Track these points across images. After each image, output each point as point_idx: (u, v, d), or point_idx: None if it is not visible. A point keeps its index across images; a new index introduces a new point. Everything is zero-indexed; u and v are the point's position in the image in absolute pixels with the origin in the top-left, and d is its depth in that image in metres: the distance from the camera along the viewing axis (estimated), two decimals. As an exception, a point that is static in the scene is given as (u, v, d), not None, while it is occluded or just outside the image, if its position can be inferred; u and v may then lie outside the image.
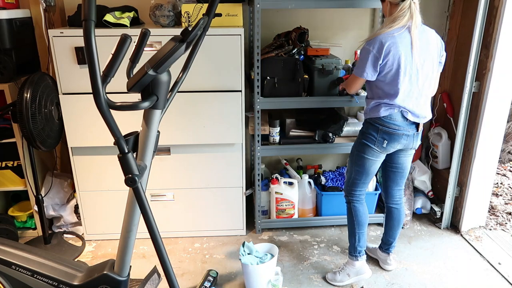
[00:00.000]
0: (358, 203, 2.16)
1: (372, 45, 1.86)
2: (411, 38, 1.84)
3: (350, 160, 2.15)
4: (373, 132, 1.99)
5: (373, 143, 2.00)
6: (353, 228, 2.17)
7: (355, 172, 2.11)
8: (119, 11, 2.32)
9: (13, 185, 2.50)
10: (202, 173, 2.49)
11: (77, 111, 2.28)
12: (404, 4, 1.85)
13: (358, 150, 2.07)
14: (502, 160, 3.89)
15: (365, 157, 2.04)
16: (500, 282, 2.23)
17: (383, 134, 1.97)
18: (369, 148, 2.02)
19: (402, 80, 1.88)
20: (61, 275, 1.56)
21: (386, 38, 1.84)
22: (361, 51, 1.93)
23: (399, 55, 1.84)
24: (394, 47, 1.83)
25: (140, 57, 1.26)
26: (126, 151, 1.20)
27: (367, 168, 2.07)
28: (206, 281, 2.14)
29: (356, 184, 2.13)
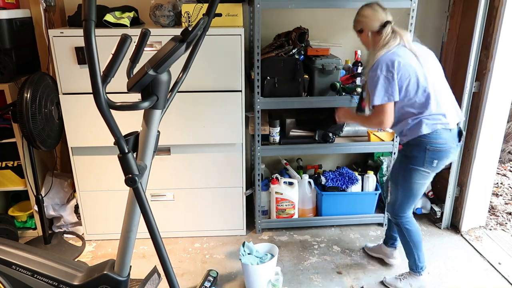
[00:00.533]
0: (409, 224, 2.06)
1: (378, 69, 1.82)
2: (411, 50, 1.84)
3: (394, 183, 2.03)
4: (419, 153, 1.87)
5: (421, 165, 1.88)
6: (410, 249, 2.09)
7: (403, 196, 2.00)
8: (119, 11, 2.32)
9: (13, 185, 2.50)
10: (202, 173, 2.49)
11: (77, 111, 2.28)
12: (386, 29, 1.86)
13: (403, 175, 1.95)
14: (502, 160, 3.89)
15: (413, 182, 1.93)
16: (500, 282, 2.23)
17: (431, 153, 1.85)
18: (417, 172, 1.90)
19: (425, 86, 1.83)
20: (61, 275, 1.56)
21: (390, 56, 1.81)
22: (370, 80, 1.86)
23: (409, 64, 1.81)
24: (402, 59, 1.81)
25: (140, 57, 1.26)
26: (126, 151, 1.20)
27: (415, 191, 1.97)
28: (206, 281, 2.14)
29: (404, 208, 2.04)
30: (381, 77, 1.82)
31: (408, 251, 2.12)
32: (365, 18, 1.94)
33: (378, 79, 1.82)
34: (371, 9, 1.93)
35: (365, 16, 1.94)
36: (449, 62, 2.75)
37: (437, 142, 1.85)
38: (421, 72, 1.83)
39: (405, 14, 2.42)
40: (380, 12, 1.91)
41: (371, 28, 1.92)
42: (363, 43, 2.02)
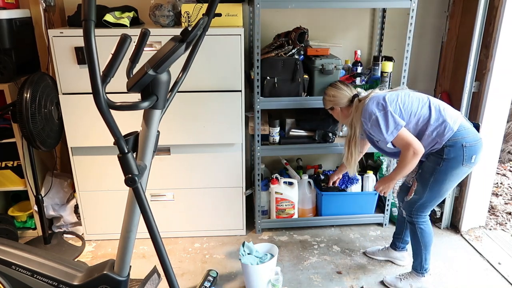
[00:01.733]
0: (424, 224, 2.06)
1: (373, 114, 1.89)
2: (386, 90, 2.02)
3: (422, 184, 1.99)
4: (457, 153, 1.86)
5: (460, 164, 1.87)
6: (419, 249, 2.09)
7: (429, 197, 1.98)
8: (119, 11, 2.32)
9: (13, 185, 2.50)
10: (202, 173, 2.49)
11: (77, 111, 2.28)
12: (355, 103, 2.04)
13: (438, 178, 1.92)
14: (502, 160, 3.89)
15: (446, 184, 1.93)
16: (500, 282, 2.23)
17: (468, 149, 1.85)
18: (455, 171, 1.89)
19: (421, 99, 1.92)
20: (61, 275, 1.56)
21: (381, 93, 1.96)
22: (372, 127, 1.90)
23: (393, 92, 1.96)
24: (394, 91, 1.96)
25: (140, 57, 1.26)
26: (126, 151, 1.20)
27: (444, 193, 1.97)
28: (206, 281, 2.14)
29: (426, 208, 2.03)
30: (379, 116, 1.88)
31: (417, 251, 2.11)
32: (334, 98, 2.10)
33: (377, 119, 1.88)
34: (336, 89, 2.11)
35: (334, 96, 2.10)
36: (449, 62, 2.75)
37: (469, 137, 1.87)
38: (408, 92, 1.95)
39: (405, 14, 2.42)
40: (345, 90, 2.09)
41: (341, 105, 2.10)
42: (336, 118, 2.20)
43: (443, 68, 2.83)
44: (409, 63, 2.38)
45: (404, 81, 2.41)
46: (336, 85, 2.12)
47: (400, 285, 2.13)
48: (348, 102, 2.07)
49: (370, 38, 2.83)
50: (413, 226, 2.09)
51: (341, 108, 2.11)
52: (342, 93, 2.08)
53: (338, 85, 2.12)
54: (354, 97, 2.05)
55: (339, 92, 2.09)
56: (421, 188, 2.00)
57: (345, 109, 2.10)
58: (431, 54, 2.88)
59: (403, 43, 2.37)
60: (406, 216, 2.12)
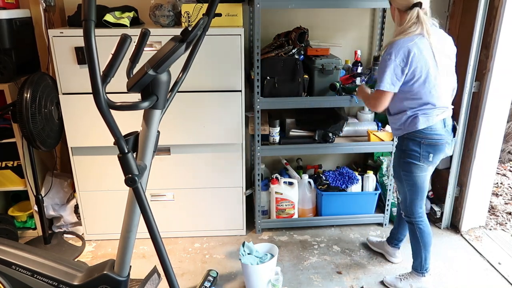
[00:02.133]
0: (422, 223, 2.06)
1: (393, 54, 1.76)
2: (430, 44, 1.78)
3: (397, 180, 2.05)
4: (414, 147, 1.89)
5: (417, 159, 1.91)
6: (419, 249, 2.09)
7: (409, 192, 2.01)
8: (119, 11, 2.32)
9: (13, 185, 2.50)
10: (202, 173, 2.49)
11: (77, 111, 2.28)
12: (412, 13, 1.77)
13: (404, 170, 1.97)
14: (502, 160, 3.89)
15: (413, 175, 1.95)
16: (500, 282, 2.23)
17: (427, 147, 1.88)
18: (415, 166, 1.93)
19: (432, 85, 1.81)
20: (61, 275, 1.56)
21: (408, 45, 1.75)
22: (382, 62, 1.82)
23: (425, 59, 1.77)
24: (418, 52, 1.76)
25: (140, 57, 1.26)
26: (126, 151, 1.20)
27: (420, 184, 1.98)
28: (206, 281, 2.14)
29: (415, 204, 2.04)
30: (393, 63, 1.77)
31: (417, 251, 2.11)
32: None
33: (390, 64, 1.77)
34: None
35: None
36: (449, 62, 2.75)
37: (432, 137, 1.87)
38: (433, 70, 1.80)
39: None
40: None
41: (397, 6, 1.83)
42: (392, 17, 1.94)
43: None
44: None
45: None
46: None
47: (400, 285, 2.13)
48: (405, 8, 1.79)
49: (370, 38, 2.83)
50: (412, 226, 2.09)
51: (398, 10, 1.83)
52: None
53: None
54: (415, 6, 1.76)
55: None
56: (399, 185, 2.05)
57: (401, 13, 1.82)
58: (431, 54, 2.88)
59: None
60: (405, 217, 2.13)
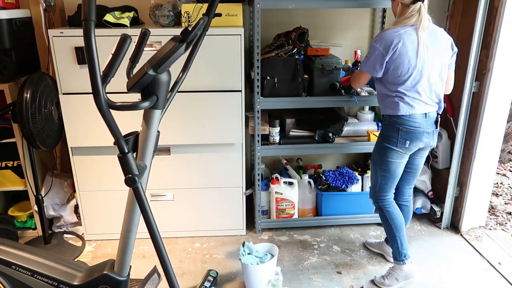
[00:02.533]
0: (390, 206, 2.13)
1: (378, 42, 1.90)
2: (417, 38, 1.86)
3: (373, 165, 2.13)
4: (393, 133, 1.98)
5: (395, 145, 1.98)
6: (392, 233, 2.13)
7: (381, 177, 2.08)
8: (119, 11, 2.32)
9: (13, 185, 2.50)
10: (202, 173, 2.49)
11: (77, 111, 2.28)
12: (414, 6, 1.87)
13: (380, 154, 2.05)
14: (502, 160, 3.89)
15: (388, 161, 2.02)
16: (500, 282, 2.23)
17: (404, 134, 1.96)
18: (391, 151, 2.00)
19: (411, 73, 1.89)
20: (61, 275, 1.56)
21: (392, 35, 1.87)
22: (370, 48, 1.96)
23: (406, 50, 1.86)
24: (401, 43, 1.85)
25: (140, 57, 1.26)
26: (126, 151, 1.20)
27: (393, 171, 2.05)
28: (206, 281, 2.14)
29: (384, 189, 2.11)
30: (376, 51, 1.90)
31: (391, 236, 2.15)
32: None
33: (374, 51, 1.91)
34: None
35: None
36: (449, 62, 2.75)
37: (410, 125, 1.95)
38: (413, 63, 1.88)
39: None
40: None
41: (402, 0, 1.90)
42: (393, 11, 2.03)
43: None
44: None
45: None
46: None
47: (387, 283, 2.15)
48: (410, 2, 1.87)
49: (370, 38, 2.83)
50: (380, 211, 2.16)
51: (402, 4, 1.91)
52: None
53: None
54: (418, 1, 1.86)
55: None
56: (373, 169, 2.13)
57: (404, 7, 1.91)
58: (431, 54, 2.88)
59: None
60: (374, 204, 2.20)
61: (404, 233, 2.14)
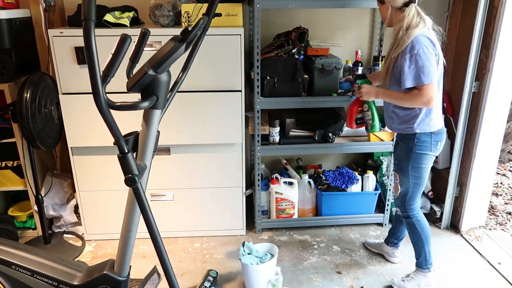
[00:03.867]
0: (419, 215, 2.08)
1: (421, 47, 1.75)
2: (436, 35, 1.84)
3: (402, 175, 2.06)
4: (426, 138, 1.93)
5: (428, 149, 1.94)
6: (421, 244, 2.09)
7: (413, 186, 2.03)
8: (119, 11, 2.32)
9: (13, 185, 2.50)
10: (202, 173, 2.49)
11: (77, 111, 2.28)
12: (409, 9, 1.78)
13: (411, 162, 1.98)
14: (502, 160, 3.89)
15: (422, 167, 1.98)
16: (500, 282, 2.23)
17: (435, 136, 1.94)
18: (426, 156, 1.96)
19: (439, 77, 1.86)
20: (61, 275, 1.56)
21: (427, 37, 1.78)
22: (413, 58, 1.76)
23: (439, 49, 1.83)
24: (436, 42, 1.81)
25: (140, 57, 1.26)
26: (126, 151, 1.20)
27: (424, 177, 2.02)
28: (206, 281, 2.14)
29: (415, 197, 2.07)
30: (427, 55, 1.74)
31: (419, 246, 2.11)
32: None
33: (427, 57, 1.74)
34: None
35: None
36: (449, 62, 2.75)
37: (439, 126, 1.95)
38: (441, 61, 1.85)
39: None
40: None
41: (393, 3, 1.82)
42: (381, 15, 1.94)
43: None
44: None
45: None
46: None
47: (409, 286, 2.12)
48: (402, 5, 1.79)
49: (370, 38, 2.83)
50: (409, 220, 2.10)
51: (392, 7, 1.82)
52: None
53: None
54: (411, 2, 1.79)
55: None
56: (403, 178, 2.06)
57: (396, 11, 1.82)
58: (431, 54, 2.88)
59: (403, 43, 2.36)
60: (400, 213, 2.15)
61: (430, 242, 2.11)
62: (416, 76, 1.78)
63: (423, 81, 1.77)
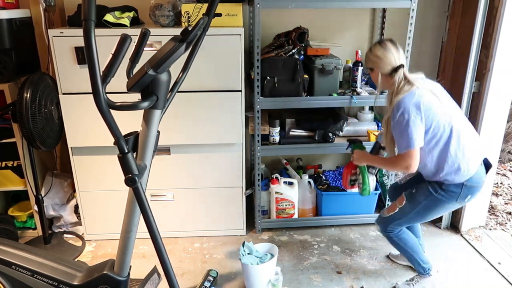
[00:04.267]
0: (401, 233, 2.05)
1: (405, 112, 1.74)
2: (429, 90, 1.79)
3: (412, 205, 1.94)
4: (455, 189, 1.83)
5: (454, 200, 1.85)
6: (409, 255, 2.09)
7: (413, 217, 1.96)
8: (119, 11, 2.32)
9: (13, 185, 2.50)
10: (202, 173, 2.49)
11: (77, 111, 2.28)
12: (398, 74, 1.79)
13: (429, 206, 1.89)
14: (502, 160, 3.89)
15: (435, 211, 1.91)
16: (500, 282, 2.23)
17: (467, 189, 1.82)
18: (446, 203, 1.87)
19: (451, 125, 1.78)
20: (61, 275, 1.56)
21: (413, 98, 1.75)
22: (397, 124, 1.78)
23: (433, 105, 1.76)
24: (425, 101, 1.75)
25: (140, 57, 1.26)
26: (126, 151, 1.20)
27: (428, 218, 1.96)
28: (206, 281, 2.14)
29: (403, 225, 2.02)
30: (409, 121, 1.74)
31: (409, 258, 2.12)
32: (376, 59, 1.83)
33: (407, 123, 1.74)
34: (383, 49, 1.81)
35: (377, 57, 1.83)
36: (449, 62, 2.75)
37: (475, 180, 1.83)
38: (444, 111, 1.78)
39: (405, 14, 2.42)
40: (393, 53, 1.80)
41: (382, 71, 1.84)
42: (373, 81, 1.94)
43: (443, 68, 2.83)
44: (409, 63, 2.38)
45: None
46: (385, 45, 1.81)
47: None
48: (390, 71, 1.81)
49: (370, 38, 2.83)
50: (390, 239, 2.08)
51: (382, 74, 1.85)
52: (388, 57, 1.79)
53: (387, 44, 1.81)
54: (399, 68, 1.79)
55: (385, 56, 1.80)
56: (409, 208, 1.95)
57: (386, 77, 1.84)
58: (431, 54, 2.88)
59: (403, 43, 2.36)
60: (381, 231, 2.10)
61: (420, 250, 2.09)
62: (398, 144, 1.82)
63: (407, 146, 1.77)
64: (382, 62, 1.82)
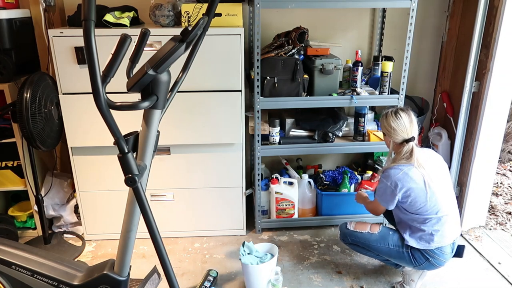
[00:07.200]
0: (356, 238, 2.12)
1: (388, 180, 1.90)
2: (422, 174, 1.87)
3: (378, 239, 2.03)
4: (419, 259, 1.96)
5: (412, 265, 2.00)
6: (372, 255, 2.13)
7: (366, 246, 2.06)
8: (119, 11, 2.32)
9: (13, 185, 2.50)
10: (202, 173, 2.49)
11: (77, 111, 2.28)
12: (407, 146, 1.90)
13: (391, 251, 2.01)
14: (502, 160, 3.89)
15: (390, 258, 2.06)
16: (500, 282, 2.23)
17: (428, 264, 1.96)
18: (404, 262, 2.03)
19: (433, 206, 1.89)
20: (61, 275, 1.56)
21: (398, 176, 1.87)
22: (381, 181, 1.95)
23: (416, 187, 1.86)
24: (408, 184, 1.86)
25: (140, 57, 1.26)
26: (126, 151, 1.20)
27: (377, 258, 2.13)
28: (206, 281, 2.14)
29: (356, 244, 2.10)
30: (387, 188, 1.91)
31: (374, 256, 2.15)
32: (390, 128, 1.94)
33: (386, 188, 1.92)
34: (397, 121, 1.91)
35: (390, 127, 1.93)
36: (449, 62, 2.75)
37: (439, 259, 1.95)
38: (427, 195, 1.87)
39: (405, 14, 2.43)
40: (405, 126, 1.90)
41: (393, 140, 1.95)
42: (386, 144, 2.07)
43: (443, 68, 2.83)
44: (409, 63, 2.38)
45: (404, 81, 2.41)
46: (400, 116, 1.92)
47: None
48: (400, 141, 1.93)
49: (370, 38, 2.83)
50: (347, 245, 2.16)
51: (393, 142, 1.97)
52: (400, 130, 1.91)
53: (401, 116, 1.92)
54: (409, 141, 1.90)
55: (398, 128, 1.91)
56: (375, 241, 2.03)
57: (396, 145, 1.97)
58: (431, 54, 2.89)
59: (403, 43, 2.37)
60: (342, 238, 2.15)
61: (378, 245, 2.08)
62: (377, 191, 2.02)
63: (378, 199, 2.00)
64: (395, 133, 1.93)
